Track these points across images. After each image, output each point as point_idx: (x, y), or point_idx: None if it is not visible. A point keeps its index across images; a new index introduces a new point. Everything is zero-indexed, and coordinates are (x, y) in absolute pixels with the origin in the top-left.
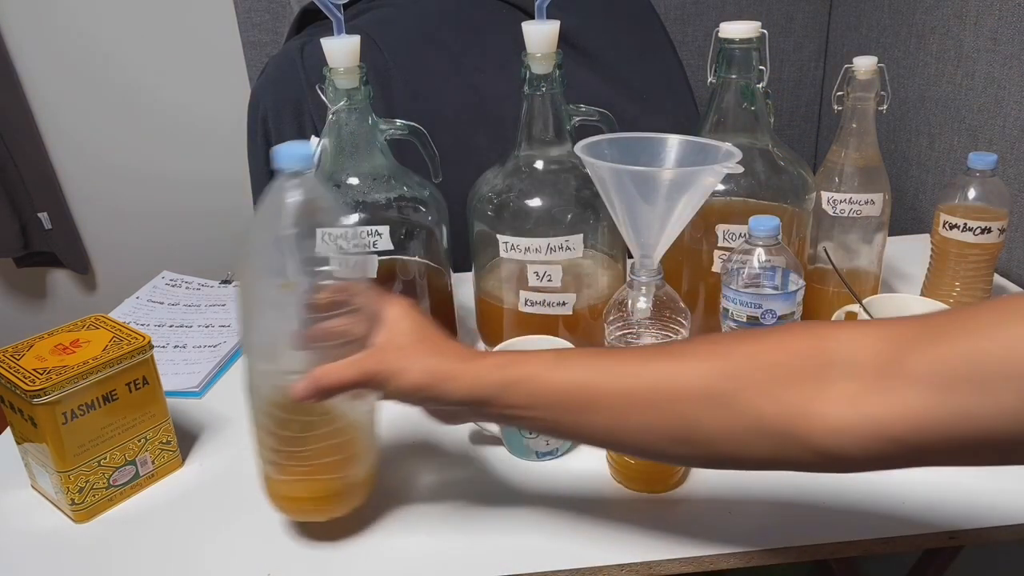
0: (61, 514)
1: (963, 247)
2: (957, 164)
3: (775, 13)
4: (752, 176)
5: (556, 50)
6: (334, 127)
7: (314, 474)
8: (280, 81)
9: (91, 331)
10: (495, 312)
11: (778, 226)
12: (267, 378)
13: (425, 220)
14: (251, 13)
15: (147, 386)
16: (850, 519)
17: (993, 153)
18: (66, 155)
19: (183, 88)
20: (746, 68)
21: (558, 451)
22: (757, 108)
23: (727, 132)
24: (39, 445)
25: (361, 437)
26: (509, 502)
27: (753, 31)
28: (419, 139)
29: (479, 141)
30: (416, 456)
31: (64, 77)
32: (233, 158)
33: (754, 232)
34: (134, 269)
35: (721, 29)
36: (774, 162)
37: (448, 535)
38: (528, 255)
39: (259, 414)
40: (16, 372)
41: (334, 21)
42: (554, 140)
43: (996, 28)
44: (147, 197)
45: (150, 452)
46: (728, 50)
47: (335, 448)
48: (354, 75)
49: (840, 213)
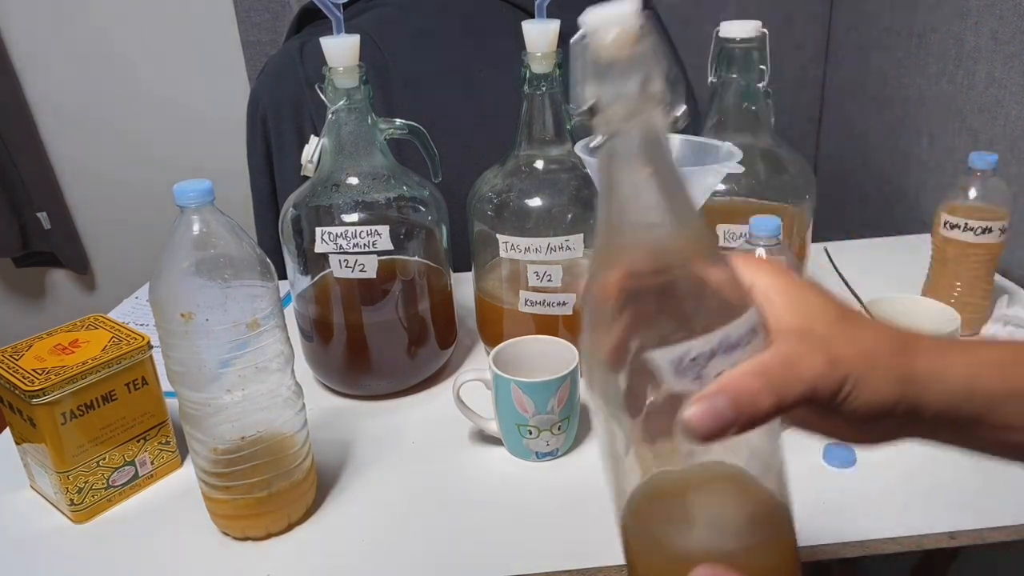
0: (60, 514)
1: (964, 247)
2: (958, 164)
3: (776, 13)
4: (753, 176)
5: (556, 50)
6: (333, 127)
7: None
8: (279, 80)
9: (90, 331)
10: (495, 312)
11: (779, 226)
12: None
13: (425, 220)
14: (251, 13)
15: (146, 386)
16: (850, 519)
17: (994, 153)
18: (65, 155)
19: (183, 88)
20: (747, 68)
21: (558, 451)
22: (758, 108)
23: (728, 132)
24: (38, 445)
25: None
26: (509, 502)
27: (754, 31)
28: (419, 139)
29: (479, 141)
30: (416, 456)
31: (63, 77)
32: (233, 158)
33: (755, 232)
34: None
35: (722, 29)
36: (775, 162)
37: (448, 535)
38: (528, 255)
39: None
40: (15, 372)
41: (333, 20)
42: (554, 140)
43: (997, 28)
44: (146, 197)
45: (149, 452)
46: (729, 50)
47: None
48: (353, 74)
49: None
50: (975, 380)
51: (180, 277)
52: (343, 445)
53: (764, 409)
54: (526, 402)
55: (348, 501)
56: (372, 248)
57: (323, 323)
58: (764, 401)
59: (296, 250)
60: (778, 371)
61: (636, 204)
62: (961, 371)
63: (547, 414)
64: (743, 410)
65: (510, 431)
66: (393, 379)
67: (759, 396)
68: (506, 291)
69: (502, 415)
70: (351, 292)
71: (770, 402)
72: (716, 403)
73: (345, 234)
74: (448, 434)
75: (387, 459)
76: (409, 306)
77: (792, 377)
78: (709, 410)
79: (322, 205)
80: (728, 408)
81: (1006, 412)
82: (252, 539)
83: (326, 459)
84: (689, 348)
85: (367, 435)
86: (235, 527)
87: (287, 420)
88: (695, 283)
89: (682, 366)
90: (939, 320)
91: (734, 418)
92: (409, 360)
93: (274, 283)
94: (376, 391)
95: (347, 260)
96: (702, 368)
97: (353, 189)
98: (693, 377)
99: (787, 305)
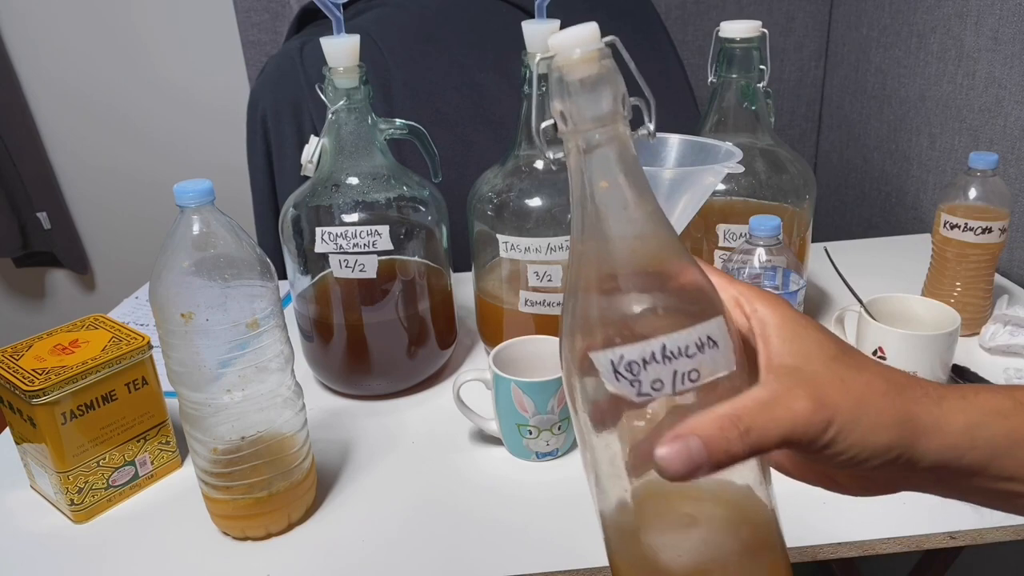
0: (60, 514)
1: (964, 247)
2: (958, 164)
3: (776, 12)
4: (753, 176)
5: None
6: (333, 127)
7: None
8: (279, 81)
9: (90, 331)
10: (495, 312)
11: (779, 226)
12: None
13: (425, 220)
14: (251, 13)
15: (146, 386)
16: (850, 519)
17: (994, 153)
18: (65, 155)
19: (183, 88)
20: (747, 67)
21: (558, 451)
22: (758, 107)
23: (728, 132)
24: (38, 445)
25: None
26: (509, 502)
27: (754, 30)
28: (419, 139)
29: (479, 141)
30: (416, 456)
31: (64, 77)
32: (232, 158)
33: (755, 232)
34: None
35: (722, 28)
36: (775, 162)
37: (448, 535)
38: (528, 255)
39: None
40: (15, 372)
41: (334, 20)
42: (554, 140)
43: (997, 28)
44: (146, 197)
45: (149, 453)
46: (729, 49)
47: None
48: (353, 74)
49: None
50: (976, 429)
51: (180, 277)
52: (343, 445)
53: (736, 453)
54: (526, 402)
55: (348, 501)
56: (372, 248)
57: (323, 323)
58: (735, 446)
59: (296, 250)
60: (755, 413)
61: (603, 211)
62: (961, 420)
63: (547, 414)
64: (714, 453)
65: (510, 431)
66: (393, 379)
67: (732, 441)
68: (506, 291)
69: (502, 415)
70: (351, 292)
71: (743, 446)
72: (689, 444)
73: (345, 234)
74: (448, 434)
75: (387, 459)
76: (409, 306)
77: (769, 420)
78: (682, 451)
79: (322, 205)
80: (699, 450)
81: (1007, 463)
82: (252, 539)
83: (326, 459)
84: (623, 352)
85: (367, 435)
86: (235, 527)
87: (287, 420)
88: (648, 290)
89: (618, 369)
90: (939, 320)
91: (705, 460)
92: (409, 360)
93: (274, 283)
94: (376, 391)
95: (347, 260)
96: (637, 374)
97: (353, 189)
98: (630, 381)
99: (782, 341)
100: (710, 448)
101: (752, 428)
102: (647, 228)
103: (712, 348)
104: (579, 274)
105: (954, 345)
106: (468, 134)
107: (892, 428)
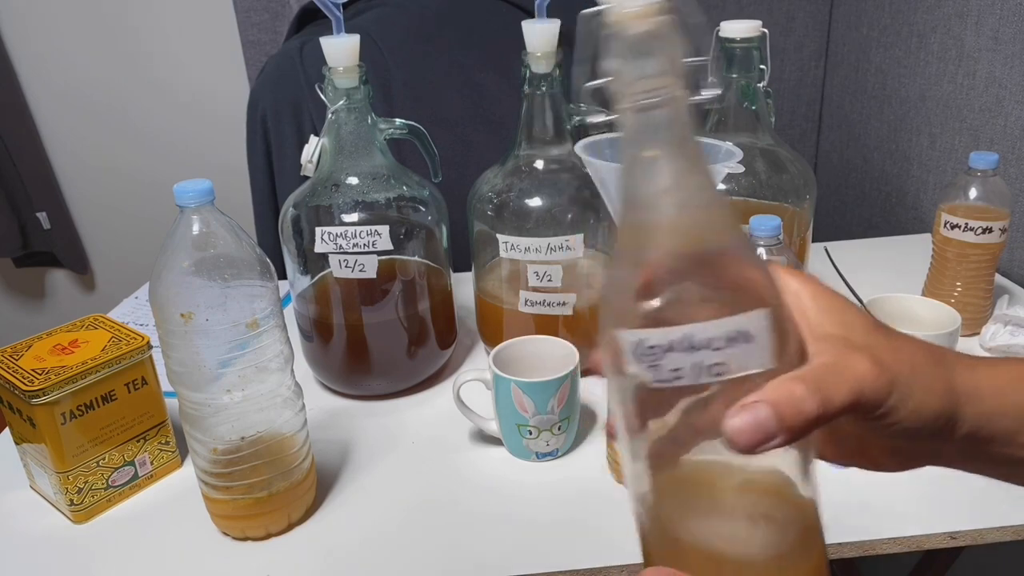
0: (60, 514)
1: (964, 247)
2: (958, 164)
3: (776, 12)
4: (753, 175)
5: (556, 49)
6: (333, 127)
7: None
8: (279, 81)
9: (90, 331)
10: (495, 312)
11: (779, 226)
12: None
13: (425, 220)
14: (250, 13)
15: (146, 386)
16: (850, 519)
17: (994, 153)
18: (65, 155)
19: (183, 88)
20: (747, 67)
21: (558, 451)
22: (758, 107)
23: (728, 131)
24: (38, 445)
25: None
26: (509, 502)
27: (754, 30)
28: (419, 139)
29: (479, 141)
30: (416, 457)
31: (63, 77)
32: (232, 158)
33: (755, 232)
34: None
35: (722, 28)
36: (775, 161)
37: (448, 535)
38: (528, 255)
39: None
40: (15, 372)
41: (333, 20)
42: (554, 140)
43: (997, 27)
44: (146, 197)
45: (149, 453)
46: (729, 49)
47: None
48: (353, 74)
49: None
50: (1005, 396)
51: (180, 277)
52: (343, 445)
53: (809, 416)
54: (526, 402)
55: (348, 501)
56: (372, 248)
57: (323, 323)
58: (808, 406)
59: (296, 250)
60: (822, 375)
61: (656, 183)
62: (991, 386)
63: (547, 414)
64: (786, 418)
65: (510, 431)
66: (393, 379)
67: (803, 402)
68: (506, 291)
69: (502, 415)
70: (351, 292)
71: (814, 408)
72: (757, 413)
73: (345, 234)
74: (448, 434)
75: (387, 459)
76: (409, 306)
77: (839, 381)
78: (751, 421)
79: (322, 205)
80: (770, 417)
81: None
82: (252, 539)
83: (326, 459)
84: (646, 335)
85: (367, 435)
86: (235, 527)
87: (287, 420)
88: (686, 271)
89: (639, 351)
90: (939, 320)
91: (777, 427)
92: (409, 360)
93: (274, 283)
94: (376, 391)
95: (347, 260)
96: (658, 359)
97: (353, 189)
98: (649, 365)
99: (820, 312)
100: (780, 412)
101: (821, 389)
102: (695, 203)
103: (745, 343)
104: (620, 247)
105: (955, 345)
106: (468, 134)
107: (943, 396)
